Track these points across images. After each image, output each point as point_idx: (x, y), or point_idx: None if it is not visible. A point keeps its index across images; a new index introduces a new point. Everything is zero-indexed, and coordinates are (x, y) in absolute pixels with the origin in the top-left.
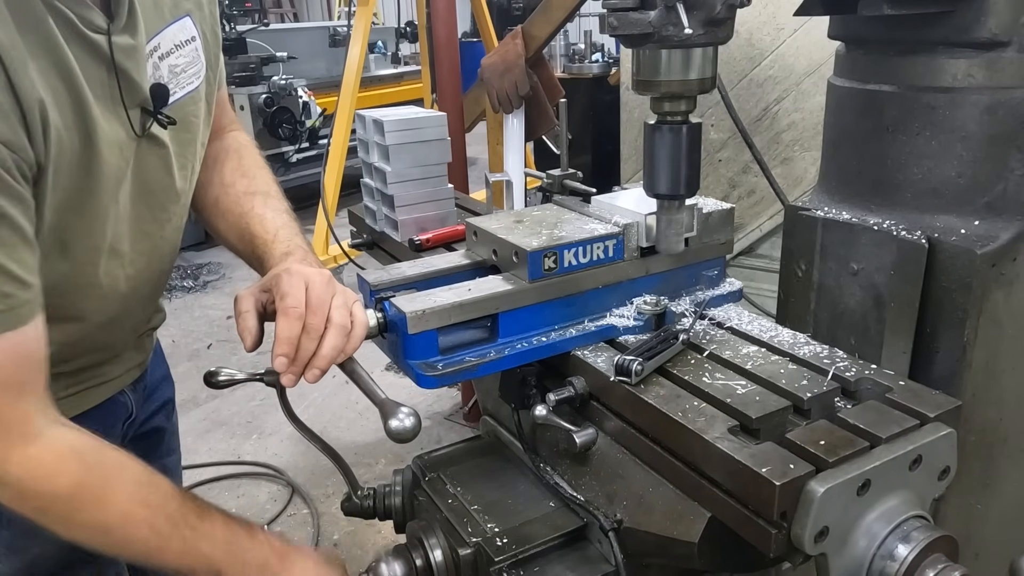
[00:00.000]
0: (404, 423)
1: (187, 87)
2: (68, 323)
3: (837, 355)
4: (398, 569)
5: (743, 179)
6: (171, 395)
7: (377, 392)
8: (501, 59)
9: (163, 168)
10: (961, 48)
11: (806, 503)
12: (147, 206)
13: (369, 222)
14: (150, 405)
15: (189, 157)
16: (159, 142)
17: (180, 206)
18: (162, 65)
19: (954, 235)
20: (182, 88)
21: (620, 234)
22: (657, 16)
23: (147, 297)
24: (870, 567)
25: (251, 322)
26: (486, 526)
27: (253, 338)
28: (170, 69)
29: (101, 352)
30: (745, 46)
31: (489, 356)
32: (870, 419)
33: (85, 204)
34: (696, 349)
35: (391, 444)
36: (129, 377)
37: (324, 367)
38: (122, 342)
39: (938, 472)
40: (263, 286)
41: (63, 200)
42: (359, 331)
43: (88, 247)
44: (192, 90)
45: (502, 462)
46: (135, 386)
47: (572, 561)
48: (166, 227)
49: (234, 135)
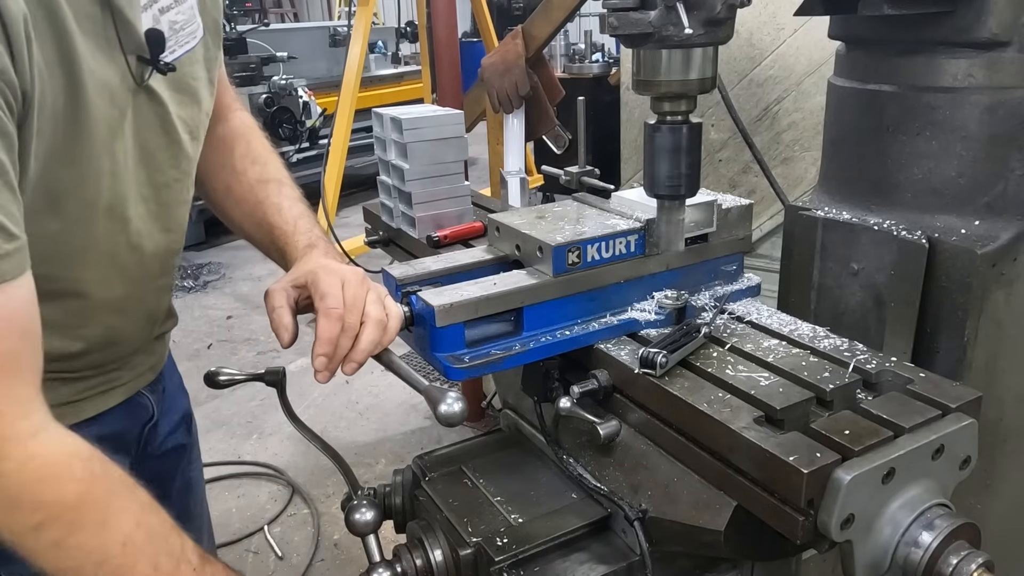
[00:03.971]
0: (453, 407)
1: (185, 45)
2: (68, 299)
3: (857, 348)
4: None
5: (743, 179)
6: (189, 408)
7: (420, 380)
8: (501, 59)
9: (161, 128)
10: (961, 48)
11: (833, 491)
12: (147, 168)
13: (385, 219)
14: (171, 418)
15: (191, 123)
16: (157, 99)
17: (183, 173)
18: (162, 20)
19: (954, 235)
20: (180, 46)
21: (642, 229)
22: (657, 16)
23: (156, 276)
24: (894, 554)
25: (287, 318)
26: (510, 516)
27: (290, 334)
28: (170, 25)
29: (113, 348)
30: (745, 46)
31: (514, 349)
32: (893, 409)
33: (74, 153)
34: (718, 342)
35: (391, 444)
36: (144, 380)
37: (362, 360)
38: (135, 335)
39: (959, 461)
40: (294, 282)
41: (49, 146)
42: (394, 324)
43: (81, 202)
44: (190, 49)
45: (522, 455)
46: (153, 387)
47: (593, 552)
48: (170, 194)
49: (239, 116)
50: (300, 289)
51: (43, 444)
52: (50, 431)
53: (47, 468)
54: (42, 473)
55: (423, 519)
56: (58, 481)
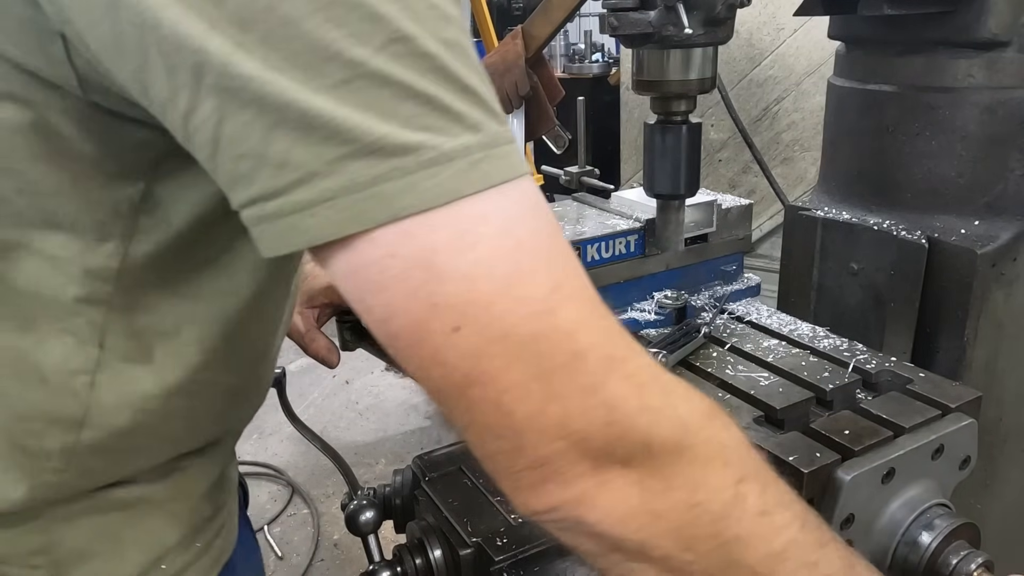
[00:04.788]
0: None
1: None
2: (267, 324)
3: (856, 348)
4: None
5: (743, 179)
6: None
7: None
8: (501, 59)
9: None
10: (961, 48)
11: (833, 490)
12: None
13: None
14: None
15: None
16: None
17: None
18: None
19: (954, 235)
20: None
21: (642, 229)
22: (657, 16)
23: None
24: (894, 553)
25: (323, 340)
26: (510, 516)
27: (333, 352)
28: None
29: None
30: (745, 46)
31: None
32: (892, 409)
33: None
34: (717, 342)
35: (391, 444)
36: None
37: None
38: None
39: (959, 461)
40: (308, 302)
41: None
42: None
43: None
44: None
45: None
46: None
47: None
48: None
49: None
50: (314, 310)
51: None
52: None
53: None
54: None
55: (423, 519)
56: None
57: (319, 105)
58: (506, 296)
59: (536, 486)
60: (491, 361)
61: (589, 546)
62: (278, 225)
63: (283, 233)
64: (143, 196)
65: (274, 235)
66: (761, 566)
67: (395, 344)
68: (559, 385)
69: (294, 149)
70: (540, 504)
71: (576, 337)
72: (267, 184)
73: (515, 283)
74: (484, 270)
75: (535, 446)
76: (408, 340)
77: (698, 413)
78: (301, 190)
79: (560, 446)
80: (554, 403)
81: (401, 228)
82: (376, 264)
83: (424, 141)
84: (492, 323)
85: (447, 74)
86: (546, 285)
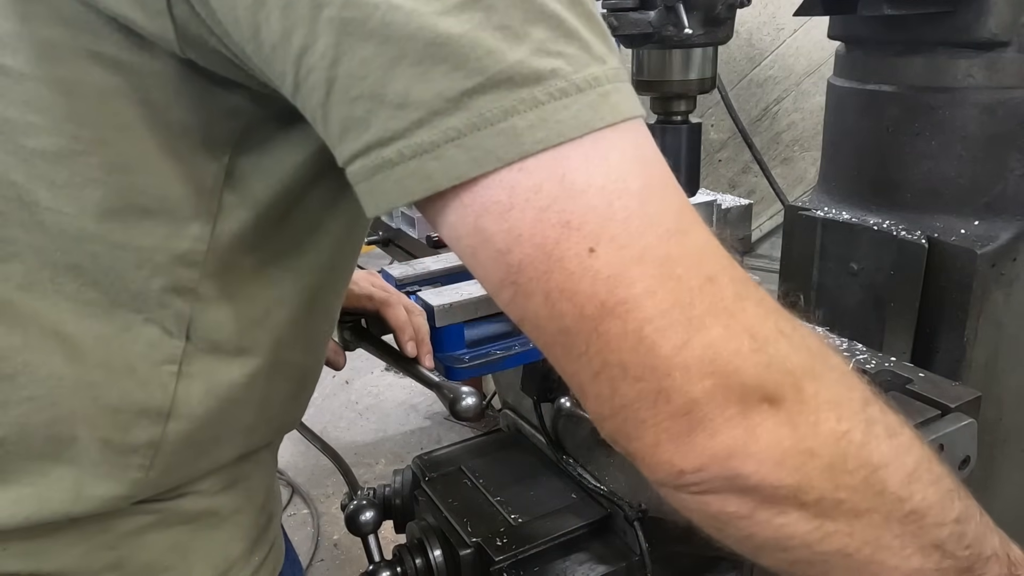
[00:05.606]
0: (468, 401)
1: None
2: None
3: (856, 348)
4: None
5: (743, 179)
6: None
7: (432, 376)
8: None
9: None
10: (961, 48)
11: None
12: None
13: (385, 219)
14: None
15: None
16: None
17: None
18: None
19: (954, 235)
20: None
21: None
22: (657, 16)
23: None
24: None
25: (331, 345)
26: (510, 517)
27: (340, 354)
28: None
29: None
30: (745, 46)
31: (514, 349)
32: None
33: None
34: None
35: (391, 444)
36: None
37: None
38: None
39: (959, 461)
40: None
41: None
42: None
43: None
44: None
45: (522, 455)
46: None
47: (593, 552)
48: None
49: None
50: None
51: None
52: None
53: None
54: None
55: (423, 519)
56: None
57: (446, 29)
58: (642, 213)
59: (682, 438)
60: (631, 287)
61: (736, 507)
62: (396, 172)
63: (401, 181)
64: (228, 171)
65: (390, 185)
66: (903, 490)
67: (517, 279)
68: (701, 311)
69: (416, 86)
70: (688, 461)
71: (707, 260)
72: (384, 127)
73: (648, 199)
74: (619, 184)
75: (682, 386)
76: (534, 271)
77: (815, 335)
78: (423, 131)
79: (708, 385)
80: (699, 333)
81: (529, 164)
82: (501, 191)
83: (557, 68)
84: (631, 242)
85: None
86: (675, 205)
